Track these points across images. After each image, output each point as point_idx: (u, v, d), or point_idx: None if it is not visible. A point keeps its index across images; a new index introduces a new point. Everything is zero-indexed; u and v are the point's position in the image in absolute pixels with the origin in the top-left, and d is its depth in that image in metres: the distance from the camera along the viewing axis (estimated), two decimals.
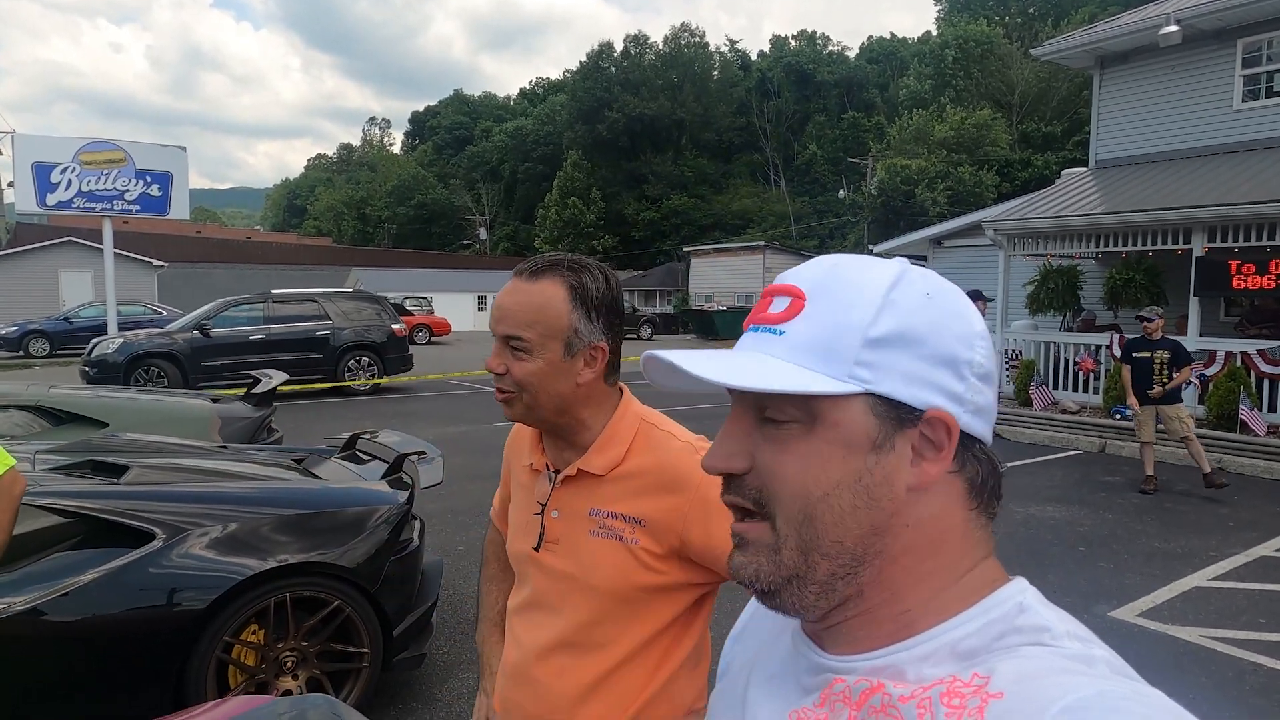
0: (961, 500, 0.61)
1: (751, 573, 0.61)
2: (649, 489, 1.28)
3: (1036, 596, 0.59)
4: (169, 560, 2.88)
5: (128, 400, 5.73)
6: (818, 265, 0.63)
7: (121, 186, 13.21)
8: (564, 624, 1.30)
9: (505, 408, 1.30)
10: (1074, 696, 0.47)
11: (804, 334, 0.59)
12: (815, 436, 0.58)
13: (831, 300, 0.59)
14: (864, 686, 0.58)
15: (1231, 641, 4.17)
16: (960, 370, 0.59)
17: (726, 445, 0.62)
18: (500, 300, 1.27)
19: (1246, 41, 11.06)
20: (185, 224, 49.87)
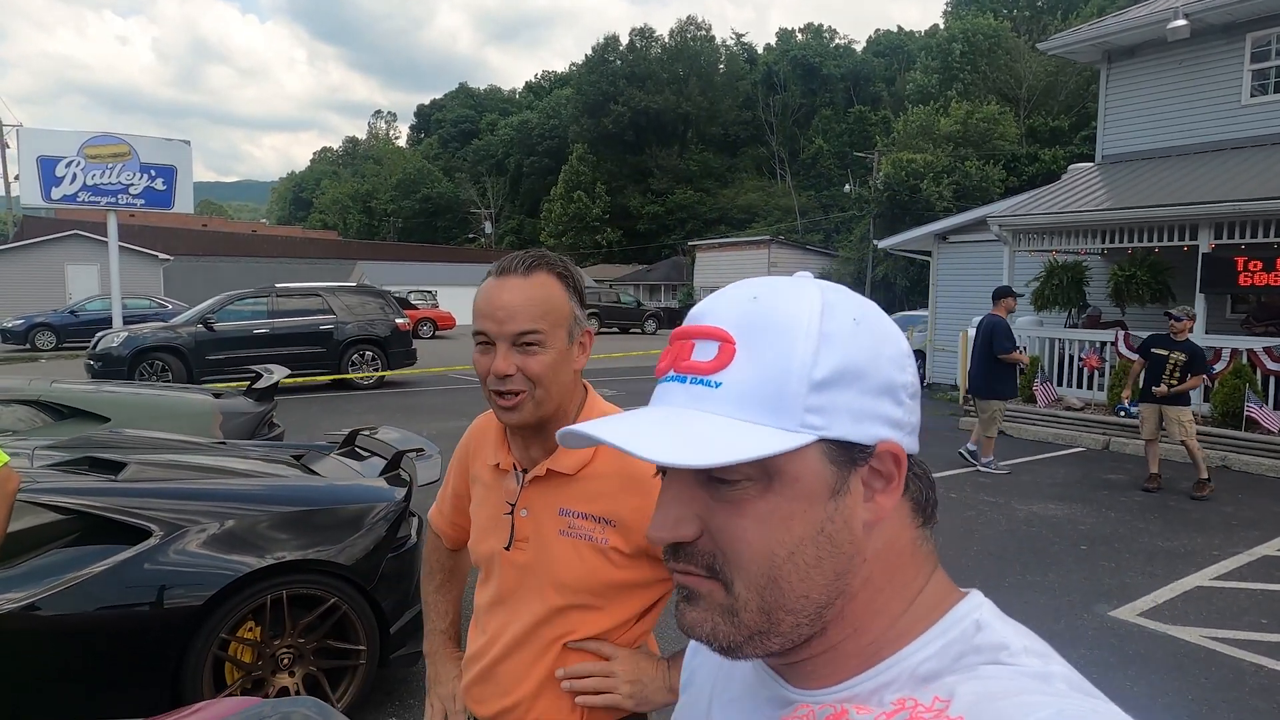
0: (908, 521, 0.60)
1: (708, 632, 0.58)
2: (617, 489, 1.28)
3: (992, 611, 0.58)
4: (165, 557, 2.88)
5: (130, 395, 5.75)
6: (734, 301, 0.59)
7: (126, 180, 13.22)
8: (532, 619, 1.31)
9: (510, 414, 1.27)
10: (1034, 718, 0.47)
11: (743, 384, 0.55)
12: (773, 494, 0.55)
13: (764, 342, 0.56)
14: (828, 713, 0.57)
15: (1232, 642, 4.15)
16: (898, 395, 0.58)
17: (671, 511, 0.58)
18: (502, 300, 1.24)
19: (1255, 36, 10.97)
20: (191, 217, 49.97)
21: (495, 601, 1.36)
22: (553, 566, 1.29)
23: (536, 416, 1.28)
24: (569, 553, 1.28)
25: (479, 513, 1.42)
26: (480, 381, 1.29)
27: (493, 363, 1.24)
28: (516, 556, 1.33)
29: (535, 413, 1.27)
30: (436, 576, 1.61)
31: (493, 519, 1.37)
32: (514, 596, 1.33)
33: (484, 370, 1.26)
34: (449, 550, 1.60)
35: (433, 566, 1.61)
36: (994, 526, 6.26)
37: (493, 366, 1.24)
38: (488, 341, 1.26)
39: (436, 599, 1.59)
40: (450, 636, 1.57)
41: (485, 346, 1.27)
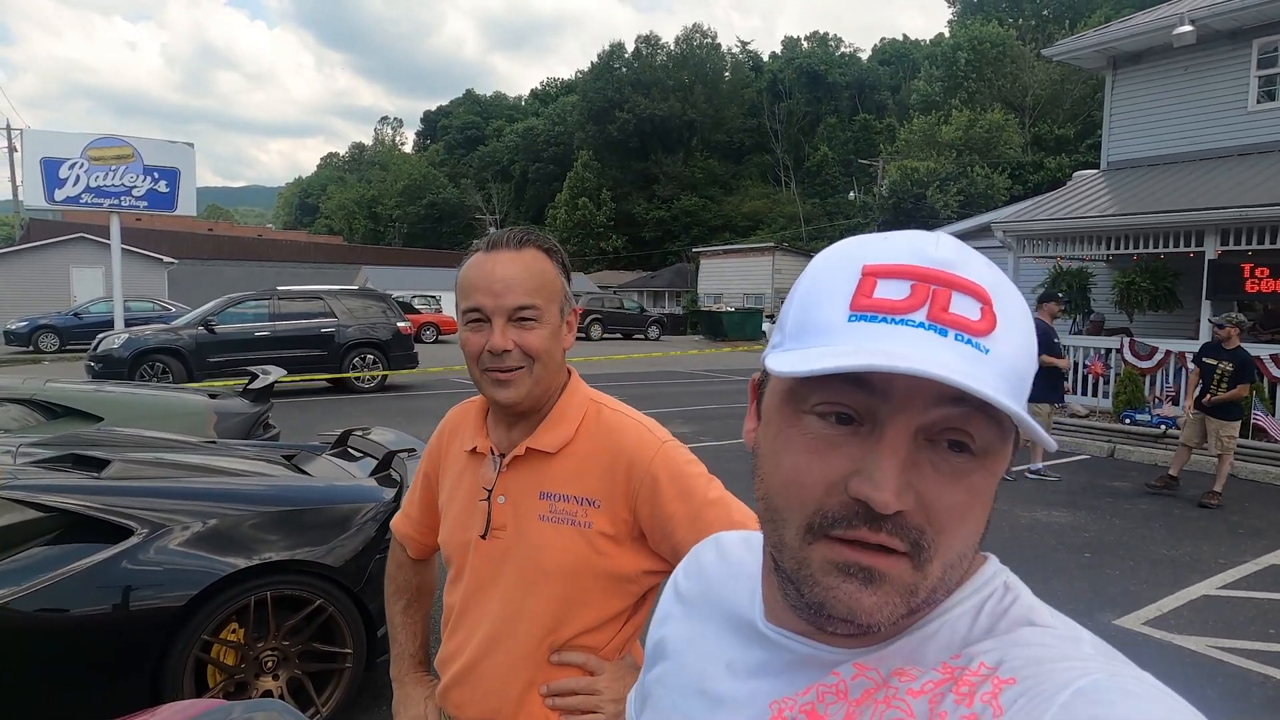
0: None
1: (885, 617, 0.52)
2: (601, 468, 1.23)
3: (1013, 576, 0.59)
4: (146, 556, 2.82)
5: (124, 395, 5.70)
6: (977, 259, 0.54)
7: (129, 182, 13.24)
8: (511, 612, 1.24)
9: (506, 389, 1.21)
10: (1087, 680, 0.48)
11: (1006, 358, 0.51)
12: (986, 469, 0.53)
13: (1016, 318, 0.53)
14: (866, 685, 0.55)
15: (1240, 652, 4.07)
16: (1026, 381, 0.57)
17: (903, 477, 0.51)
18: (498, 272, 1.19)
19: (1262, 42, 10.91)
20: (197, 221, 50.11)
21: (470, 596, 1.29)
22: (533, 554, 1.22)
23: (531, 394, 1.22)
24: (551, 539, 1.22)
25: (451, 502, 1.35)
26: (471, 361, 1.23)
27: (489, 338, 1.19)
28: (493, 546, 1.26)
29: (532, 390, 1.22)
30: (403, 596, 1.52)
31: (466, 507, 1.30)
32: (490, 589, 1.26)
33: (478, 347, 1.20)
34: (415, 563, 1.52)
35: (399, 585, 1.52)
36: (996, 534, 6.17)
37: (490, 342, 1.18)
38: (482, 318, 1.20)
39: (404, 619, 1.50)
40: (419, 660, 1.48)
41: (479, 323, 1.20)
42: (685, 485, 1.21)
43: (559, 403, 1.27)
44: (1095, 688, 0.47)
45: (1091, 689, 0.47)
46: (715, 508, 1.20)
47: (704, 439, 9.33)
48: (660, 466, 1.21)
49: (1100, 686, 0.47)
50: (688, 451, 1.27)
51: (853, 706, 0.55)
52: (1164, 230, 10.02)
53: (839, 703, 0.56)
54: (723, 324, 30.21)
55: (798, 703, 0.57)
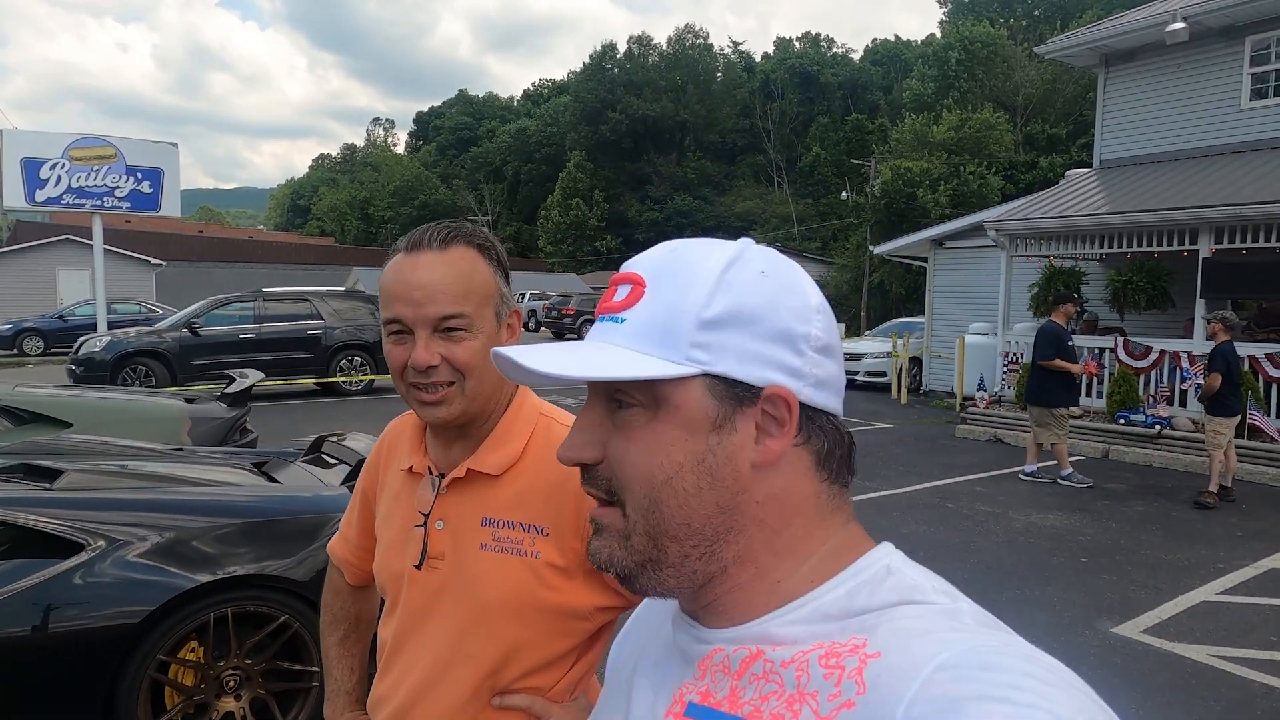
0: (809, 472, 0.61)
1: (605, 558, 0.62)
2: (550, 491, 1.09)
3: (903, 559, 0.60)
4: (98, 572, 2.67)
5: (95, 400, 5.55)
6: (659, 250, 0.63)
7: (112, 183, 13.05)
8: (446, 652, 1.10)
9: (436, 409, 1.07)
10: (949, 653, 0.48)
11: (642, 320, 0.59)
12: (658, 421, 0.59)
13: (668, 284, 0.59)
14: (743, 655, 0.58)
15: (1241, 661, 3.95)
16: (797, 345, 0.59)
17: (580, 436, 0.62)
18: (418, 279, 1.05)
19: (1255, 39, 10.83)
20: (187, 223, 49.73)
21: (403, 632, 1.15)
22: (473, 587, 1.08)
23: (466, 412, 1.09)
24: (493, 570, 1.08)
25: (386, 527, 1.21)
26: (395, 376, 1.09)
27: (411, 353, 1.05)
28: (429, 577, 1.12)
29: (465, 408, 1.08)
30: (340, 626, 1.37)
31: (402, 533, 1.16)
32: (425, 626, 1.12)
33: (400, 363, 1.07)
34: (353, 590, 1.38)
35: (336, 614, 1.38)
36: (991, 538, 6.06)
37: (412, 358, 1.05)
38: (403, 330, 1.06)
39: (340, 653, 1.36)
40: (356, 698, 1.34)
41: (401, 335, 1.07)
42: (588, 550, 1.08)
43: (504, 418, 1.14)
44: (956, 662, 0.48)
45: (952, 662, 0.48)
46: None
47: None
48: None
49: (960, 660, 0.48)
50: None
51: (735, 679, 0.58)
52: (1158, 229, 9.93)
53: (725, 678, 0.58)
54: None
55: (695, 687, 0.60)
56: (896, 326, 16.87)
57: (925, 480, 7.87)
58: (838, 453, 0.62)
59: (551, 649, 1.09)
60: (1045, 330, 7.64)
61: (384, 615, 1.21)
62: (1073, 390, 7.81)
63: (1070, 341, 7.72)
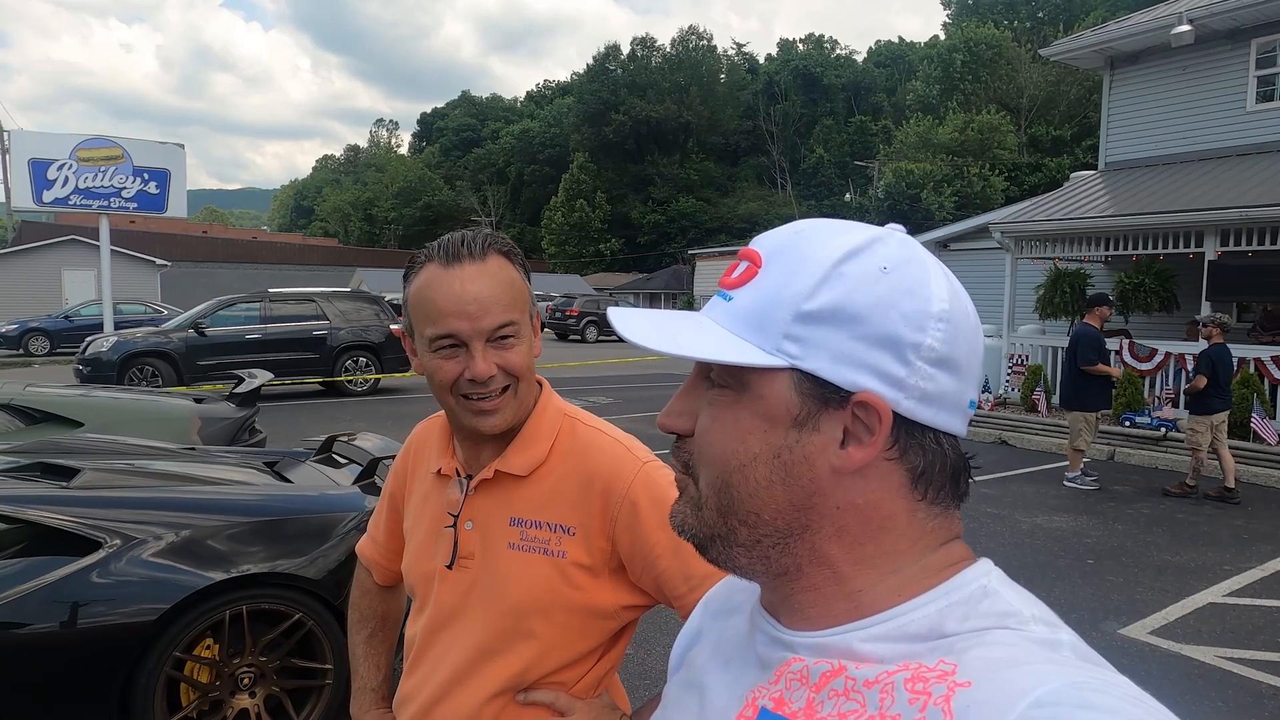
0: (902, 488, 0.57)
1: (679, 521, 0.62)
2: (577, 492, 1.11)
3: (1001, 579, 0.58)
4: (115, 570, 2.70)
5: (105, 399, 5.58)
6: (788, 228, 0.61)
7: (119, 184, 13.10)
8: (474, 650, 1.12)
9: (493, 418, 1.09)
10: (1044, 689, 0.46)
11: (746, 302, 0.58)
12: (741, 407, 0.58)
13: (780, 267, 0.57)
14: (824, 668, 0.56)
15: (1248, 663, 3.96)
16: (903, 353, 0.55)
17: (676, 405, 0.62)
18: (470, 291, 1.05)
19: (1261, 41, 10.84)
20: (191, 224, 49.83)
21: (431, 631, 1.17)
22: (501, 586, 1.11)
23: (516, 416, 1.12)
24: (520, 569, 1.10)
25: (416, 528, 1.23)
26: (442, 390, 1.10)
27: (469, 366, 1.06)
28: (459, 577, 1.14)
29: (515, 412, 1.12)
30: (368, 625, 1.40)
31: (431, 534, 1.19)
32: (453, 624, 1.14)
33: (453, 376, 1.07)
34: (381, 590, 1.40)
35: (363, 613, 1.40)
36: (997, 539, 6.06)
37: (472, 370, 1.06)
38: (456, 343, 1.07)
39: (367, 651, 1.38)
40: (382, 695, 1.36)
41: (453, 349, 1.07)
42: (668, 511, 1.10)
43: (530, 420, 1.16)
44: (1053, 699, 0.45)
45: (1049, 699, 0.45)
46: None
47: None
48: (640, 490, 1.10)
49: (1058, 697, 0.45)
50: (671, 472, 1.15)
51: (813, 692, 0.56)
52: (1163, 231, 9.93)
53: (802, 689, 0.56)
54: None
55: (769, 692, 0.58)
56: None
57: None
58: (940, 473, 0.58)
59: (577, 647, 1.11)
60: (1084, 334, 7.61)
61: (412, 614, 1.23)
62: (1106, 394, 7.82)
63: (1105, 345, 7.75)
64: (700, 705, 0.65)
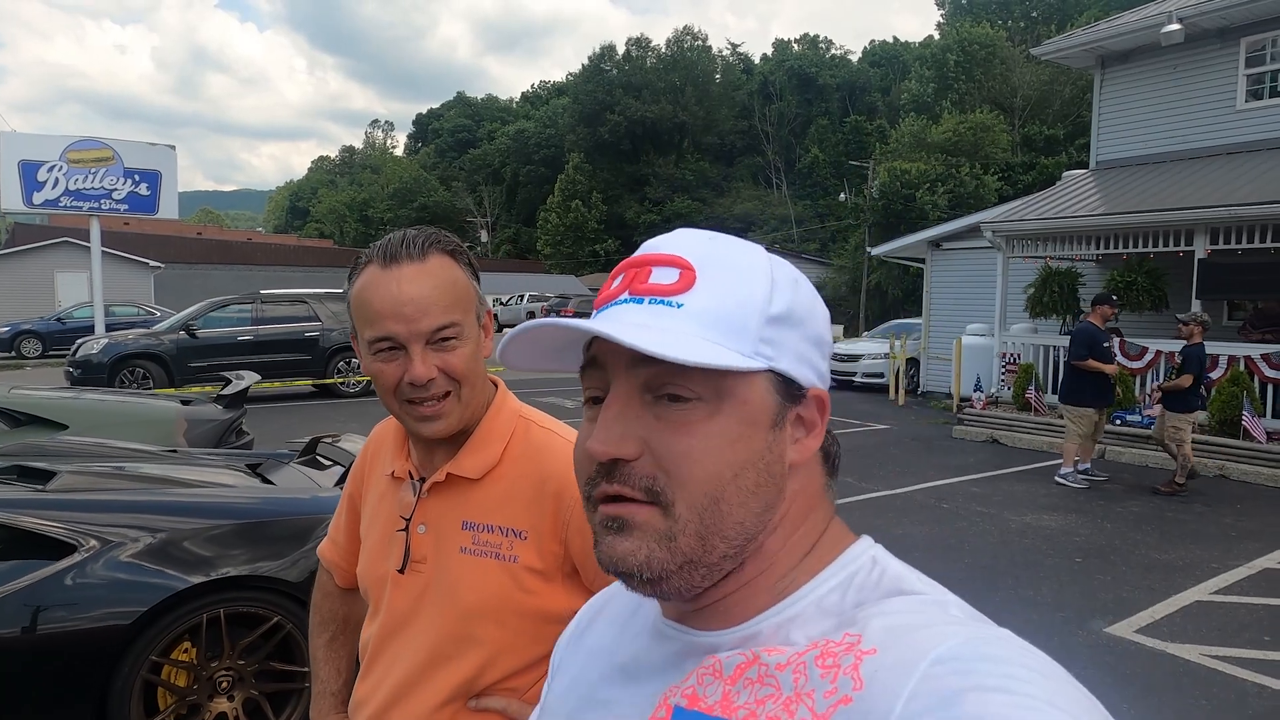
0: (820, 470, 0.63)
1: (640, 561, 0.57)
2: (530, 495, 1.10)
3: (883, 550, 0.61)
4: (90, 573, 2.68)
5: (90, 402, 5.56)
6: (692, 238, 0.61)
7: (109, 185, 13.05)
8: (425, 655, 1.11)
9: (435, 423, 1.08)
10: (945, 646, 0.48)
11: (706, 308, 0.57)
12: (722, 415, 0.56)
13: (725, 275, 0.58)
14: (738, 661, 0.57)
15: (1234, 661, 3.96)
16: (825, 351, 0.62)
17: (619, 428, 0.57)
18: (407, 292, 1.04)
19: (1250, 40, 10.86)
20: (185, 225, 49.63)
21: (384, 636, 1.16)
22: (452, 591, 1.10)
23: (462, 420, 1.10)
24: (472, 574, 1.09)
25: (370, 531, 1.22)
26: (386, 394, 1.09)
27: (408, 369, 1.05)
28: (411, 581, 1.13)
29: (461, 415, 1.10)
30: (329, 628, 1.38)
31: (385, 537, 1.18)
32: (406, 629, 1.13)
33: (394, 380, 1.06)
34: (342, 592, 1.39)
35: (324, 616, 1.39)
36: (986, 538, 6.07)
37: (410, 373, 1.05)
38: (395, 346, 1.05)
39: (328, 654, 1.37)
40: (342, 700, 1.34)
41: (392, 352, 1.06)
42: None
43: (483, 422, 1.15)
44: (953, 654, 0.48)
45: (949, 655, 0.48)
46: None
47: None
48: None
49: (958, 652, 0.48)
50: None
51: (728, 684, 0.56)
52: (1154, 229, 9.95)
53: (716, 682, 0.57)
54: None
55: (680, 689, 0.58)
56: (894, 328, 16.88)
57: (921, 481, 7.88)
58: (836, 450, 0.65)
59: (530, 652, 1.10)
60: (1080, 331, 7.70)
61: (367, 618, 1.22)
62: (1105, 392, 7.74)
63: (1106, 343, 7.72)
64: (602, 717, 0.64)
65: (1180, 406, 7.28)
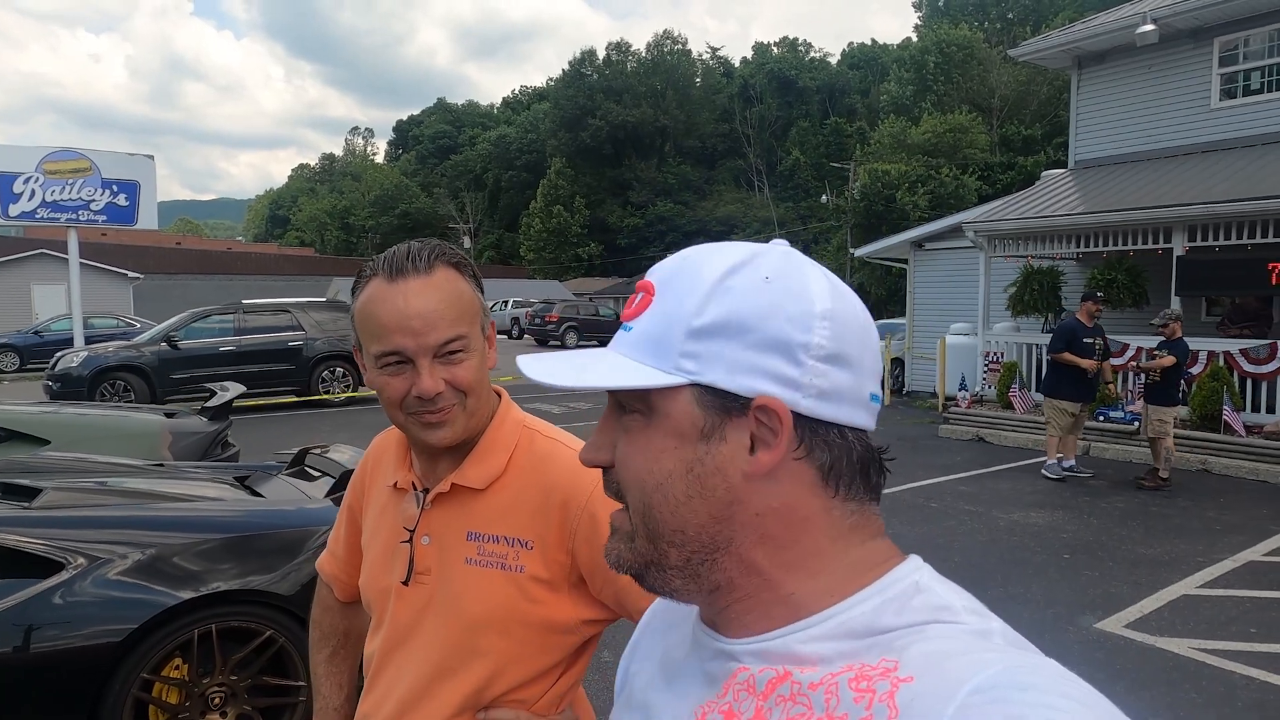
0: (814, 486, 0.58)
1: (615, 558, 0.63)
2: (535, 505, 1.09)
3: (931, 574, 0.59)
4: (79, 591, 2.65)
5: (73, 416, 5.48)
6: (677, 256, 0.63)
7: (87, 196, 12.88)
8: (431, 668, 1.10)
9: (441, 431, 1.07)
10: (983, 675, 0.48)
11: (643, 328, 0.60)
12: (651, 428, 0.59)
13: (671, 292, 0.60)
14: (770, 675, 0.57)
15: (1222, 653, 4.01)
16: (794, 354, 0.57)
17: (595, 439, 0.64)
18: (413, 307, 1.03)
19: (1223, 40, 11.02)
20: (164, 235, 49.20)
21: (388, 649, 1.15)
22: (458, 602, 1.09)
23: (467, 429, 1.10)
24: (477, 585, 1.08)
25: (372, 543, 1.21)
26: (392, 407, 1.08)
27: (415, 383, 1.04)
28: (416, 593, 1.12)
29: (467, 425, 1.09)
30: (329, 643, 1.37)
31: (388, 549, 1.16)
32: (411, 641, 1.12)
33: (401, 393, 1.05)
34: (342, 606, 1.37)
35: (324, 631, 1.38)
36: (974, 536, 6.11)
37: (417, 388, 1.04)
38: (403, 360, 1.05)
39: (329, 669, 1.36)
40: (344, 715, 1.33)
41: (400, 366, 1.05)
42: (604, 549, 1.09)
43: (488, 432, 1.14)
44: (991, 684, 0.47)
45: (987, 684, 0.47)
46: None
47: None
48: (599, 502, 1.08)
49: (996, 682, 0.47)
50: None
51: (760, 700, 0.56)
52: (1133, 228, 10.06)
53: (750, 698, 0.57)
54: None
55: (717, 705, 0.59)
56: (878, 328, 16.94)
57: (908, 481, 7.92)
58: (849, 467, 0.59)
59: (537, 663, 1.10)
60: (1061, 325, 7.94)
61: (370, 631, 1.21)
62: (1080, 386, 7.83)
63: (1088, 339, 7.82)
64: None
65: (1163, 400, 7.39)
